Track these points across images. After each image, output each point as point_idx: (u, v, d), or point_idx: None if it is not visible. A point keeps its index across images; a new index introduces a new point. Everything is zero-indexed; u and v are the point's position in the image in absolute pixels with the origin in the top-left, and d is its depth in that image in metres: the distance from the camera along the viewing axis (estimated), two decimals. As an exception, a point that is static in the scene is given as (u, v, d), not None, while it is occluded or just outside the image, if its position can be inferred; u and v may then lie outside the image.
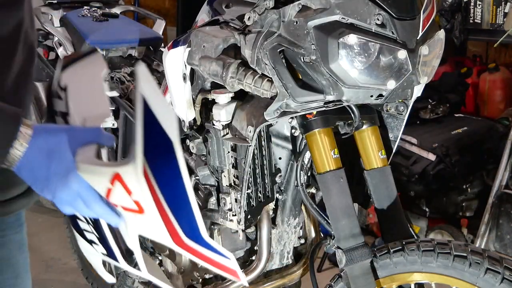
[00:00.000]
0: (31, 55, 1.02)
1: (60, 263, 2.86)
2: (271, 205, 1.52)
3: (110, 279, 1.08)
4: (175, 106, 1.56)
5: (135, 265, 0.95)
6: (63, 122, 1.09)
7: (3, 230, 1.04)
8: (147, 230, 0.86)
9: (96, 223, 0.96)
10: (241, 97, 1.42)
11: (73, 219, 1.01)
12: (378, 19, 1.14)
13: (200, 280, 1.68)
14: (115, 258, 0.96)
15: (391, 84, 1.18)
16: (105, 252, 0.97)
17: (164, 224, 0.83)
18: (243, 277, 0.90)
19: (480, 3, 3.01)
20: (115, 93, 2.00)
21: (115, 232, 0.93)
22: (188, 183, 0.81)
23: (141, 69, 0.76)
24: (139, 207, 0.82)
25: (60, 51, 2.22)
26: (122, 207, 0.85)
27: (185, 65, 1.48)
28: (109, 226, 0.94)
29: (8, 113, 0.83)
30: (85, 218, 0.98)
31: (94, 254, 1.02)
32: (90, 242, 0.99)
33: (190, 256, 0.87)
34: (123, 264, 0.95)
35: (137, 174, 0.79)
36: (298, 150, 1.46)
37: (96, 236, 0.96)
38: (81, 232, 0.99)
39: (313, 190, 1.54)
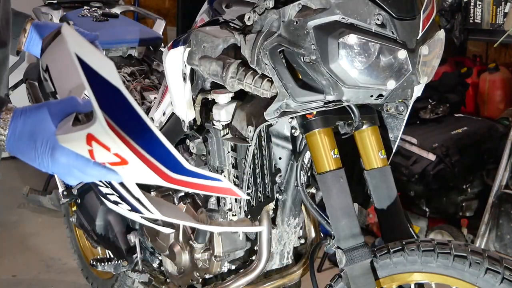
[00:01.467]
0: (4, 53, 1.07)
1: (60, 263, 2.86)
2: (271, 205, 1.52)
3: (168, 230, 1.10)
4: (175, 106, 1.56)
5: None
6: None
7: None
8: (139, 177, 0.88)
9: (111, 184, 0.98)
10: (241, 97, 1.42)
11: (96, 186, 1.03)
12: (378, 19, 1.14)
13: (200, 280, 1.68)
14: (138, 211, 0.98)
15: (391, 84, 1.18)
16: (129, 208, 0.99)
17: (149, 167, 0.86)
18: (240, 192, 0.92)
19: (480, 3, 3.01)
20: None
21: (127, 187, 0.95)
22: (150, 122, 0.82)
23: (66, 28, 0.77)
24: (121, 159, 0.85)
25: (60, 51, 2.22)
26: (109, 163, 0.87)
27: (185, 65, 1.48)
28: (121, 183, 0.96)
29: None
30: (102, 182, 1.00)
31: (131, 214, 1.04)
32: (115, 203, 1.01)
33: (184, 188, 0.90)
34: (147, 214, 0.98)
35: (104, 128, 0.81)
36: (298, 150, 1.46)
37: (117, 196, 0.98)
38: (105, 196, 1.01)
39: (313, 190, 1.54)
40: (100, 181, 0.99)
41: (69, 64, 1.10)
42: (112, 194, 0.99)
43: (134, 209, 0.99)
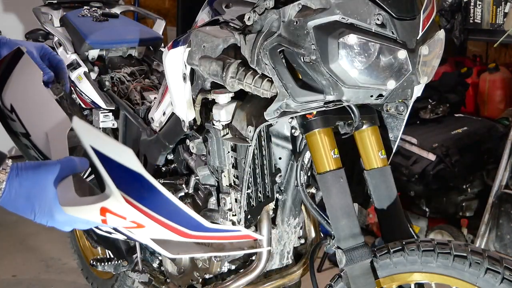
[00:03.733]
0: None
1: (60, 263, 2.86)
2: (271, 205, 1.52)
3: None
4: (175, 106, 1.56)
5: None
6: (28, 142, 1.09)
7: None
8: (156, 236, 0.90)
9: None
10: (241, 97, 1.42)
11: None
12: (378, 19, 1.14)
13: (200, 280, 1.68)
14: (135, 240, 1.00)
15: (391, 84, 1.18)
16: (125, 237, 1.00)
17: (168, 229, 0.87)
18: (258, 236, 0.94)
19: (480, 3, 3.01)
20: (111, 108, 2.00)
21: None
22: (168, 193, 0.84)
23: (76, 123, 0.79)
24: (138, 224, 0.87)
25: (60, 51, 2.22)
26: (124, 227, 0.89)
27: (185, 65, 1.48)
28: None
29: None
30: None
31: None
32: (108, 232, 1.02)
33: (205, 241, 0.93)
34: (146, 243, 0.99)
35: (121, 204, 0.83)
36: (298, 150, 1.46)
37: (111, 227, 0.99)
38: (96, 227, 1.01)
39: (313, 190, 1.54)
40: None
41: (39, 106, 1.09)
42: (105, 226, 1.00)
43: (131, 239, 1.00)
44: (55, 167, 0.90)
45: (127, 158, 0.79)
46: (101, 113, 2.00)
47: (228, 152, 1.47)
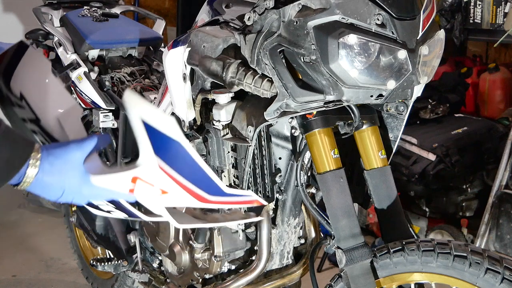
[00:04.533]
0: None
1: (60, 263, 2.86)
2: (271, 205, 1.52)
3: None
4: (175, 106, 1.56)
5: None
6: (37, 127, 1.13)
7: None
8: (174, 203, 0.97)
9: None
10: (241, 97, 1.42)
11: None
12: (378, 19, 1.14)
13: (200, 280, 1.68)
14: (137, 217, 1.05)
15: (391, 84, 1.18)
16: (126, 215, 1.05)
17: (189, 193, 0.95)
18: (264, 201, 1.04)
19: (480, 3, 3.01)
20: (111, 108, 2.01)
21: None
22: (200, 159, 0.93)
23: (129, 94, 0.87)
24: (162, 191, 0.94)
25: (60, 51, 2.22)
26: (148, 194, 0.95)
27: (185, 65, 1.48)
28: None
29: (23, 139, 0.91)
30: None
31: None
32: (108, 211, 1.06)
33: (218, 206, 1.03)
34: (147, 219, 1.05)
35: (156, 170, 0.90)
36: (298, 150, 1.46)
37: (113, 207, 1.04)
38: (95, 207, 1.06)
39: (313, 190, 1.54)
40: None
41: (50, 93, 1.14)
42: (107, 205, 1.04)
43: (132, 216, 1.04)
44: (83, 144, 0.96)
45: (170, 127, 0.88)
46: (101, 113, 2.00)
47: (228, 152, 1.47)
